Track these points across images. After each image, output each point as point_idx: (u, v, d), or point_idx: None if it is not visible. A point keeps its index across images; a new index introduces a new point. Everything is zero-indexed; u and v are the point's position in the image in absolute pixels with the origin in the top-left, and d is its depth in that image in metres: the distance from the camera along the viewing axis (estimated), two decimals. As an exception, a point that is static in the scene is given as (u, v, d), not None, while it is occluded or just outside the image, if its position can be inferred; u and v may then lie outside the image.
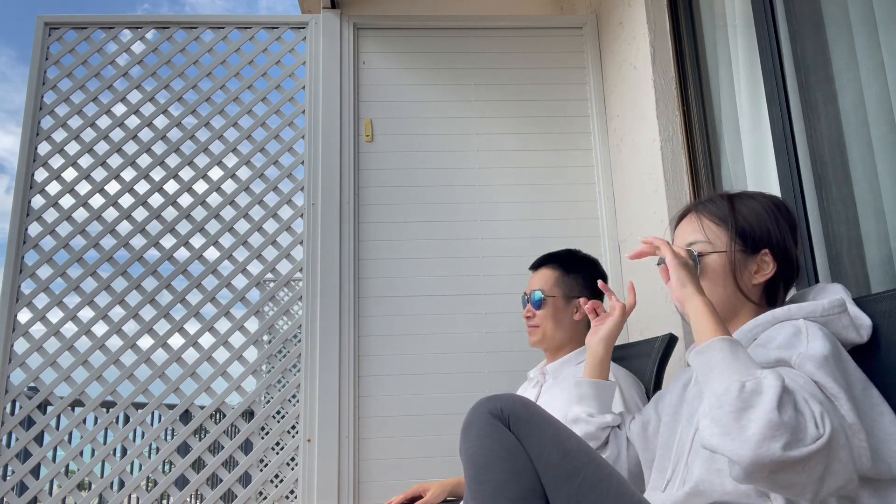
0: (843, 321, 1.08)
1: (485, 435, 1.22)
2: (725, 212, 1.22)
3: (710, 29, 2.29)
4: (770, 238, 1.19)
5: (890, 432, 0.97)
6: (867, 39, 1.59)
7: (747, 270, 1.19)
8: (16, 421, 2.44)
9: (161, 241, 2.61)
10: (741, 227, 1.20)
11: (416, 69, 2.82)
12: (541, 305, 1.88)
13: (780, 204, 1.24)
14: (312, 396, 2.47)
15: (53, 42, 2.73)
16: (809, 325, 1.05)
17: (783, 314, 1.10)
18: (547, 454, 1.18)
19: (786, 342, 1.04)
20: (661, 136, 2.30)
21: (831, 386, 0.94)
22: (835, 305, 1.08)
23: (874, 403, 1.00)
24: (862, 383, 1.01)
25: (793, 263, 1.21)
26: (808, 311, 1.08)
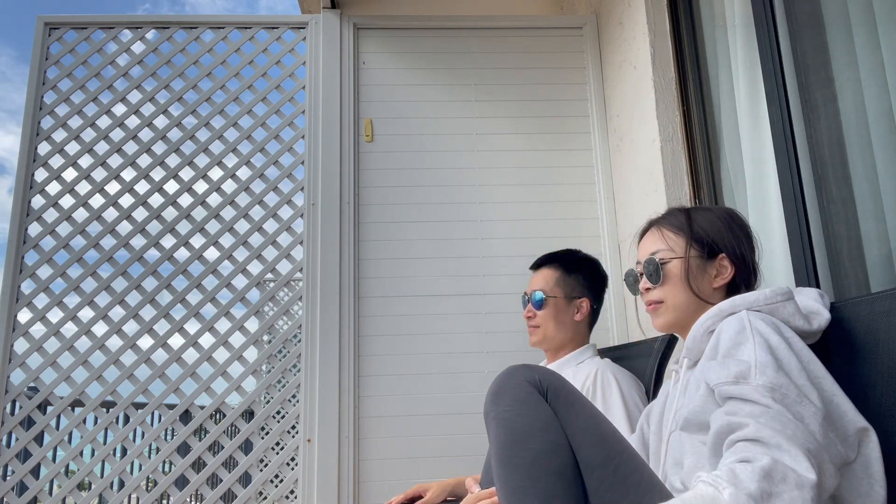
0: (788, 308, 1.11)
1: (522, 402, 1.19)
2: (682, 222, 1.31)
3: (710, 29, 2.29)
4: (725, 244, 1.27)
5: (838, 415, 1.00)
6: (867, 39, 1.59)
7: (707, 275, 1.27)
8: (16, 421, 2.44)
9: (161, 241, 2.61)
10: (697, 235, 1.28)
11: (416, 69, 2.83)
12: (542, 306, 1.88)
13: (734, 214, 1.32)
14: (312, 396, 2.47)
15: (53, 42, 2.73)
16: (752, 317, 1.08)
17: (728, 306, 1.14)
18: (582, 434, 1.17)
19: (732, 344, 1.06)
20: (661, 136, 2.31)
21: (796, 388, 0.97)
22: (777, 294, 1.12)
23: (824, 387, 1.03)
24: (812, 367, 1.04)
25: (749, 267, 1.27)
26: (750, 300, 1.13)
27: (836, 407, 1.00)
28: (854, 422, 0.99)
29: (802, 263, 1.71)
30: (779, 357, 1.01)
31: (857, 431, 0.99)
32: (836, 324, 1.17)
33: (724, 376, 1.02)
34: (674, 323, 1.29)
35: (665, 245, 1.30)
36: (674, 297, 1.27)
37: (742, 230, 1.29)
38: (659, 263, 1.29)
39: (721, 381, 1.02)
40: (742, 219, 1.32)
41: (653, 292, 1.30)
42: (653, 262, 1.30)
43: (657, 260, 1.29)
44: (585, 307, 1.90)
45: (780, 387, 0.96)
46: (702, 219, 1.30)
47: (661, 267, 1.28)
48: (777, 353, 1.02)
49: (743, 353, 1.03)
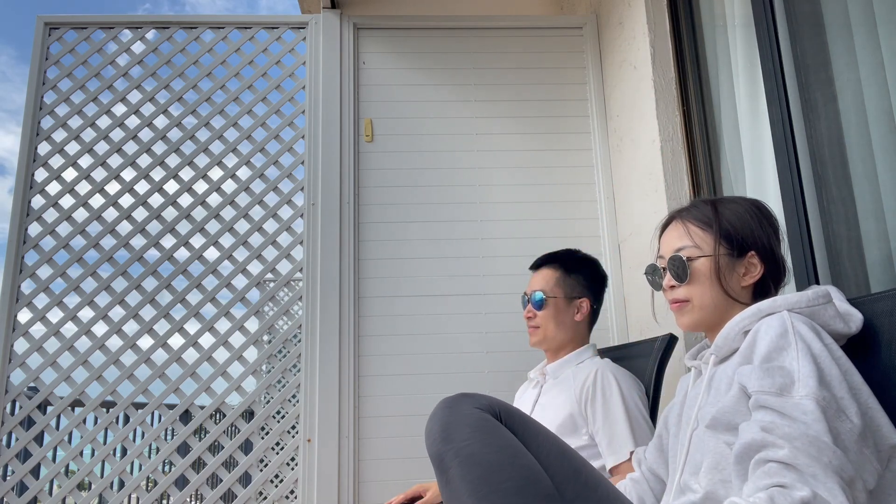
0: (829, 311, 1.07)
1: (482, 431, 1.11)
2: (710, 216, 1.24)
3: (710, 29, 2.29)
4: (755, 240, 1.21)
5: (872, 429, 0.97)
6: (867, 39, 1.59)
7: (735, 273, 1.21)
8: (16, 421, 2.44)
9: (161, 241, 2.61)
10: (726, 231, 1.22)
11: (416, 69, 2.83)
12: (542, 306, 1.88)
13: (762, 206, 1.26)
14: (312, 396, 2.47)
15: (53, 42, 2.73)
16: (795, 320, 1.04)
17: (768, 306, 1.10)
18: (546, 452, 1.15)
19: (773, 348, 1.02)
20: (661, 136, 2.31)
21: (836, 402, 0.94)
22: (819, 296, 1.09)
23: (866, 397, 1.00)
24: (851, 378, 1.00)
25: (779, 264, 1.22)
26: (792, 302, 1.08)
27: (870, 420, 0.96)
28: (888, 438, 0.96)
29: (802, 263, 1.71)
30: (822, 367, 0.97)
31: (889, 448, 0.95)
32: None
33: (767, 385, 0.98)
34: (700, 322, 1.23)
35: (691, 241, 1.23)
36: (701, 296, 1.21)
37: (770, 223, 1.23)
38: (685, 261, 1.22)
39: (762, 390, 0.98)
40: (770, 211, 1.25)
41: (678, 290, 1.24)
42: (678, 259, 1.23)
43: (683, 258, 1.23)
44: (585, 307, 1.90)
45: (822, 400, 0.92)
46: (730, 213, 1.23)
47: (688, 265, 1.22)
48: (820, 363, 0.97)
49: (785, 360, 0.99)
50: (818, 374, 0.95)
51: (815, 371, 0.96)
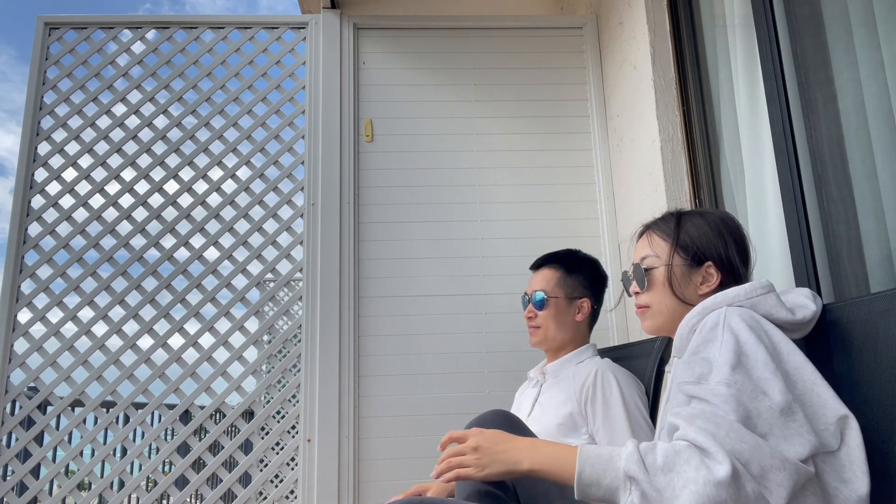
0: (769, 301, 1.13)
1: None
2: (671, 228, 1.33)
3: (709, 29, 2.29)
4: (712, 251, 1.28)
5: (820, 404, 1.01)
6: (867, 39, 1.59)
7: (692, 282, 1.28)
8: (16, 421, 2.44)
9: (161, 241, 2.61)
10: (683, 242, 1.30)
11: (416, 69, 2.83)
12: (543, 306, 1.88)
13: (728, 220, 1.32)
14: (312, 396, 2.47)
15: (53, 42, 2.74)
16: (730, 313, 1.10)
17: (710, 303, 1.16)
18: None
19: (701, 341, 1.09)
20: (661, 136, 2.31)
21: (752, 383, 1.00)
22: (757, 287, 1.15)
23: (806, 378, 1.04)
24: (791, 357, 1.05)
25: (736, 274, 1.27)
26: (731, 296, 1.14)
27: (816, 396, 1.02)
28: (835, 409, 1.01)
29: (802, 263, 1.71)
30: (744, 352, 1.03)
31: (838, 419, 1.00)
32: (836, 324, 1.17)
33: (688, 376, 1.06)
34: (660, 327, 1.32)
35: (652, 251, 1.33)
36: (659, 302, 1.30)
37: (733, 236, 1.29)
38: (644, 270, 1.33)
39: (684, 381, 1.06)
40: (734, 225, 1.32)
41: (641, 297, 1.34)
42: (639, 268, 1.34)
43: (643, 267, 1.33)
44: (586, 307, 1.90)
45: (734, 384, 0.99)
46: (690, 225, 1.31)
47: (647, 273, 1.32)
48: (743, 348, 1.03)
49: (710, 352, 1.06)
50: (734, 361, 1.02)
51: (732, 358, 1.02)
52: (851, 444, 1.01)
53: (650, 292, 1.32)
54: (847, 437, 1.01)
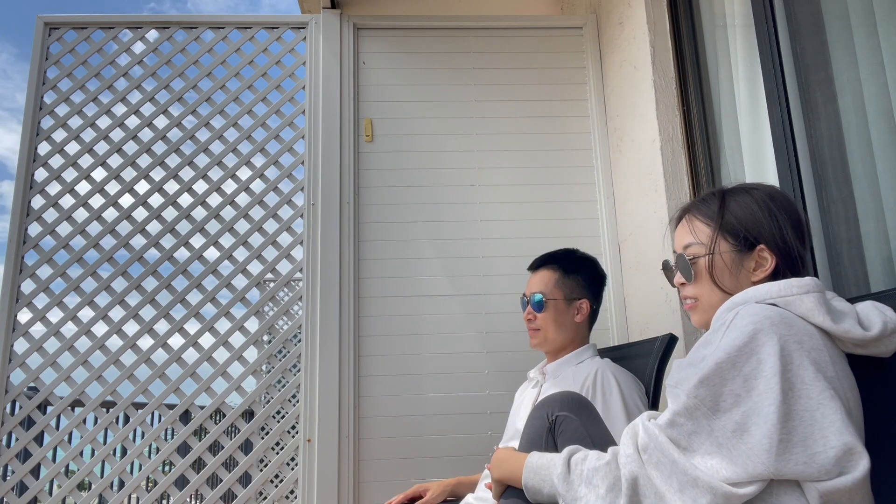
0: (807, 303, 1.01)
1: None
2: (714, 210, 1.18)
3: (710, 29, 2.29)
4: (763, 232, 1.13)
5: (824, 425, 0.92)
6: (867, 39, 1.59)
7: (744, 268, 1.14)
8: (16, 421, 2.44)
9: (161, 241, 2.61)
10: (730, 225, 1.16)
11: (416, 69, 2.82)
12: (542, 308, 1.87)
13: (778, 196, 1.17)
14: (312, 396, 2.47)
15: (53, 42, 2.73)
16: (745, 311, 1.01)
17: (740, 298, 1.07)
18: None
19: (703, 343, 1.05)
20: (661, 136, 2.30)
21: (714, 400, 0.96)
22: (793, 286, 1.03)
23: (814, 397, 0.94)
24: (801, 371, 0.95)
25: (793, 256, 1.13)
26: (763, 293, 1.05)
27: (821, 416, 0.91)
28: (840, 434, 0.91)
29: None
30: (730, 359, 0.96)
31: (841, 446, 0.90)
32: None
33: (671, 380, 1.04)
34: (708, 322, 1.18)
35: (695, 238, 1.19)
36: (708, 295, 1.16)
37: (786, 212, 1.14)
38: (688, 259, 1.19)
39: (668, 383, 1.04)
40: (786, 200, 1.17)
41: (687, 288, 1.20)
42: (682, 258, 1.20)
43: (687, 256, 1.19)
44: (585, 308, 1.89)
45: (696, 397, 0.97)
46: (736, 205, 1.16)
47: (692, 263, 1.18)
48: (733, 355, 0.96)
49: (695, 356, 1.03)
50: (711, 370, 0.96)
51: (711, 367, 0.96)
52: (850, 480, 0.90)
53: (697, 284, 1.18)
54: (851, 470, 0.90)
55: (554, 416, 1.29)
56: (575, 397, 1.35)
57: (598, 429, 1.27)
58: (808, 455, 0.90)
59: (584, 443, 1.22)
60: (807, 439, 0.91)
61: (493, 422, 2.50)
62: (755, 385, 0.94)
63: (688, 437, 0.96)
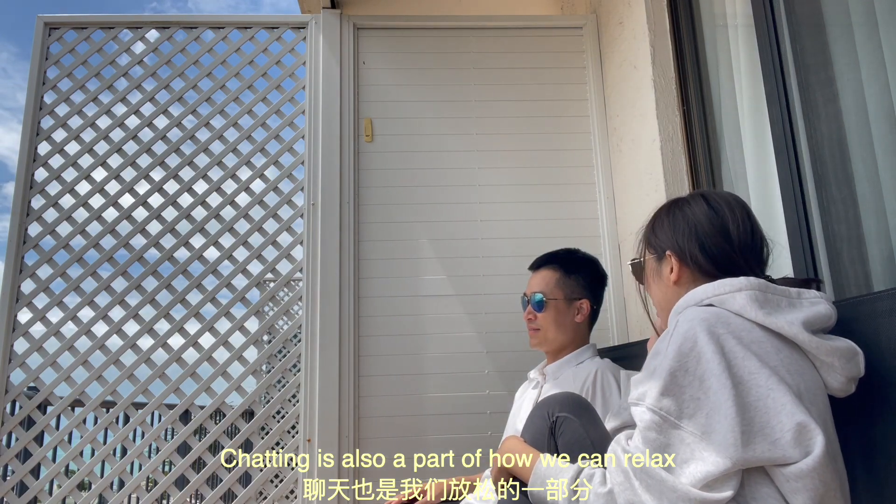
0: (739, 300, 1.06)
1: None
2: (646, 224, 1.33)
3: (710, 29, 2.29)
4: (668, 240, 1.24)
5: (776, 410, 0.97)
6: (867, 39, 1.58)
7: (663, 275, 1.24)
8: (16, 421, 2.44)
9: (161, 241, 2.61)
10: (647, 237, 1.30)
11: (416, 69, 2.82)
12: (542, 308, 1.87)
13: (675, 202, 1.28)
14: (312, 396, 2.47)
15: (53, 42, 2.73)
16: (683, 318, 1.06)
17: (682, 304, 1.14)
18: None
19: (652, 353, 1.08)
20: (661, 135, 2.30)
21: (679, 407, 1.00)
22: (726, 285, 1.08)
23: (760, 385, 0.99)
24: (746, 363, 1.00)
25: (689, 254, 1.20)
26: (699, 296, 1.11)
27: (772, 401, 0.97)
28: (791, 414, 0.96)
29: (803, 263, 1.71)
30: (683, 366, 1.00)
31: (795, 426, 0.95)
32: (837, 324, 1.17)
33: (632, 396, 1.07)
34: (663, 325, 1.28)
35: (637, 250, 1.34)
36: (654, 298, 1.29)
37: (684, 218, 1.23)
38: (631, 265, 1.34)
39: (630, 399, 1.08)
40: (681, 205, 1.26)
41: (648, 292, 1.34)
42: (630, 265, 1.35)
43: (630, 263, 1.34)
44: (586, 308, 1.89)
45: (661, 409, 1.00)
46: (654, 218, 1.30)
47: (636, 269, 1.33)
48: (683, 361, 1.00)
49: (654, 363, 1.05)
50: (667, 381, 1.00)
51: (666, 378, 1.00)
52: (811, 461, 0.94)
53: (648, 289, 1.31)
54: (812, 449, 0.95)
55: (555, 416, 1.31)
56: (575, 399, 1.37)
57: (597, 431, 1.28)
58: (769, 441, 0.95)
59: (584, 444, 1.25)
60: (765, 427, 0.96)
61: (493, 422, 2.50)
62: (710, 385, 0.98)
63: (662, 450, 0.99)
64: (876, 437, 1.10)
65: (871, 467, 1.10)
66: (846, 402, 1.11)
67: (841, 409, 1.12)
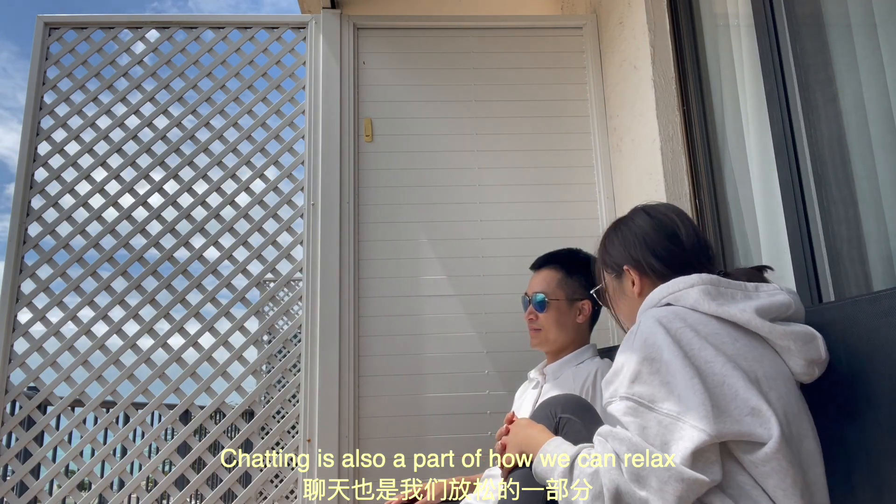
0: (693, 295, 1.13)
1: None
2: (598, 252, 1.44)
3: (710, 29, 2.29)
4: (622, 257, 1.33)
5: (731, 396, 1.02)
6: (867, 40, 1.59)
7: (625, 289, 1.33)
8: (16, 421, 2.44)
9: (161, 241, 2.61)
10: (603, 260, 1.39)
11: (416, 69, 2.82)
12: (544, 308, 1.87)
13: (622, 220, 1.38)
14: (312, 396, 2.47)
15: (53, 42, 2.73)
16: (644, 319, 1.12)
17: (644, 305, 1.21)
18: None
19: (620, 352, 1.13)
20: (661, 135, 2.30)
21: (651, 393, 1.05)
22: (680, 283, 1.16)
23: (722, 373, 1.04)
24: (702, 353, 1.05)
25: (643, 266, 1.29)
26: (656, 298, 1.18)
27: (728, 388, 1.03)
28: (745, 400, 1.02)
29: (803, 263, 1.71)
30: (649, 357, 1.06)
31: (750, 410, 1.01)
32: (837, 323, 1.17)
33: (605, 396, 1.13)
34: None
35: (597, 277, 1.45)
36: (624, 314, 1.37)
37: (631, 232, 1.33)
38: (596, 294, 1.46)
39: (604, 402, 1.13)
40: (625, 221, 1.36)
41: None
42: (594, 294, 1.48)
43: (594, 292, 1.47)
44: (587, 309, 1.89)
45: (633, 396, 1.06)
46: (603, 240, 1.40)
47: (600, 295, 1.43)
48: (649, 352, 1.06)
49: (617, 364, 1.11)
50: (635, 370, 1.06)
51: (635, 367, 1.07)
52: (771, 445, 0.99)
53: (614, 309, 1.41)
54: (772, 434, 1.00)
55: (558, 417, 1.34)
56: (577, 400, 1.39)
57: None
58: (733, 419, 1.01)
59: None
60: (726, 408, 1.02)
61: (494, 422, 2.50)
62: (676, 369, 1.04)
63: (641, 432, 1.03)
64: (878, 436, 1.10)
65: (871, 467, 1.11)
66: (847, 402, 1.11)
67: (842, 410, 1.12)
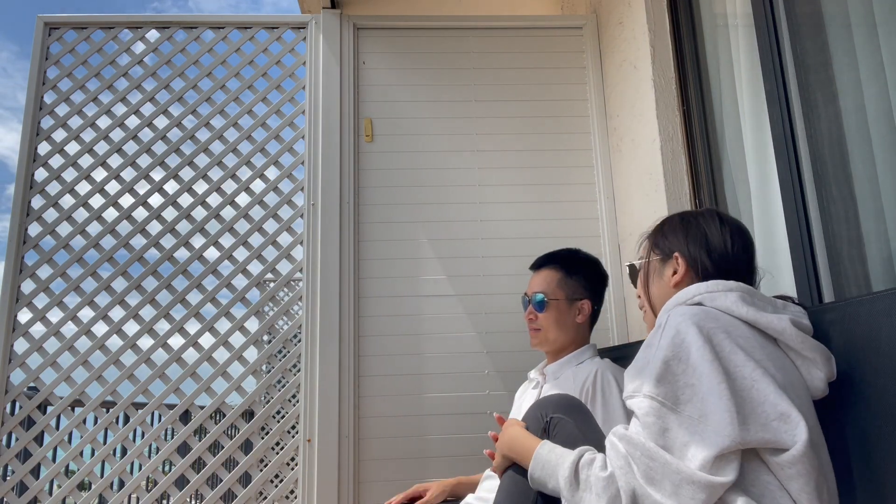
0: (730, 298, 1.13)
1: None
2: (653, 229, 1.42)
3: (710, 29, 2.29)
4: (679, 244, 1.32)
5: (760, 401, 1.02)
6: (867, 40, 1.59)
7: (664, 276, 1.32)
8: (16, 421, 2.44)
9: (161, 241, 2.61)
10: (655, 242, 1.37)
11: (416, 69, 2.82)
12: (543, 308, 1.87)
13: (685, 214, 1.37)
14: (312, 396, 2.47)
15: (53, 42, 2.73)
16: (674, 314, 1.11)
17: (672, 302, 1.19)
18: None
19: (645, 345, 1.12)
20: (661, 135, 2.30)
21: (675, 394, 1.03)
22: (718, 284, 1.15)
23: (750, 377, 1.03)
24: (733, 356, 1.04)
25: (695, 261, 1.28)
26: (691, 293, 1.17)
27: (756, 392, 1.02)
28: (774, 405, 1.01)
29: (803, 263, 1.71)
30: (676, 355, 1.05)
31: (779, 416, 1.00)
32: (836, 324, 1.17)
33: (627, 388, 1.12)
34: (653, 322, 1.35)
35: (639, 252, 1.42)
36: (652, 297, 1.35)
37: (697, 226, 1.32)
38: (635, 265, 1.42)
39: (625, 393, 1.12)
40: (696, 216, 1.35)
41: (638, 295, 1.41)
42: (632, 265, 1.43)
43: (636, 261, 1.42)
44: (587, 308, 1.89)
45: (657, 395, 1.04)
46: (664, 223, 1.38)
47: (633, 270, 1.42)
48: (677, 351, 1.05)
49: (641, 361, 1.10)
50: (661, 369, 1.05)
51: (660, 366, 1.05)
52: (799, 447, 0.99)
53: (643, 290, 1.38)
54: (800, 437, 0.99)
55: (548, 417, 1.34)
56: (569, 400, 1.39)
57: (592, 431, 1.30)
58: (760, 424, 1.00)
59: (579, 443, 1.26)
60: (754, 412, 1.01)
61: (493, 422, 2.50)
62: (702, 371, 1.02)
63: (662, 434, 1.02)
64: (878, 437, 1.10)
65: (872, 467, 1.10)
66: (847, 402, 1.11)
67: (842, 410, 1.12)
